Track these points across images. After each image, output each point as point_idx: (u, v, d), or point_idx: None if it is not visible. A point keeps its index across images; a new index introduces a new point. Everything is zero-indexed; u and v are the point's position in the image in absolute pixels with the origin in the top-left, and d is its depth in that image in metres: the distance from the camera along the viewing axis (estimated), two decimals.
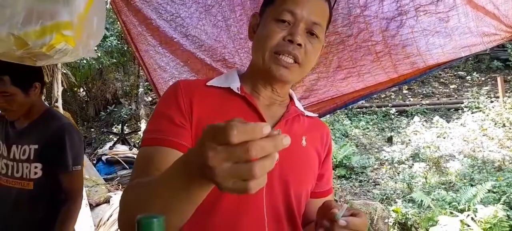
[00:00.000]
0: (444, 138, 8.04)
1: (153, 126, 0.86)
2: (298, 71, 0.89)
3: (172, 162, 0.62)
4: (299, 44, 0.86)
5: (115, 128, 9.86)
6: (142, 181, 0.73)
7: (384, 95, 10.19)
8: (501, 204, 4.86)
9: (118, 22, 2.32)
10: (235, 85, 0.92)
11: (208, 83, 0.93)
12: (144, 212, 0.47)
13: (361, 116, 9.46)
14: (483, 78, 10.44)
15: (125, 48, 9.64)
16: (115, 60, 10.03)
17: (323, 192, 1.01)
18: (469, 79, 10.57)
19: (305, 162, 0.95)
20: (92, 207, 3.72)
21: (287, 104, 0.98)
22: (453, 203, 5.28)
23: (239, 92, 0.91)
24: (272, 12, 0.90)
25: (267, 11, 0.92)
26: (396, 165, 7.33)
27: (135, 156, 2.89)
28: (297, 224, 0.92)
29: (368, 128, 8.96)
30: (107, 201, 4.05)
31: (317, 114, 1.12)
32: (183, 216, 0.63)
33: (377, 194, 6.36)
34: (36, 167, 1.70)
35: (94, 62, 8.82)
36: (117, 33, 9.31)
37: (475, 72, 10.67)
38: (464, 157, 7.21)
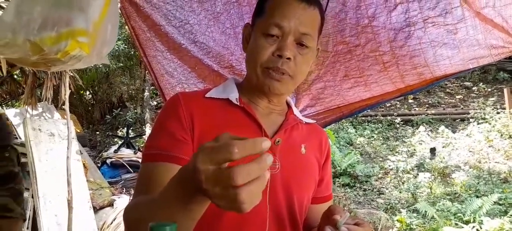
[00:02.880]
0: (451, 148, 7.98)
1: (154, 141, 0.87)
2: (291, 83, 0.90)
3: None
4: (289, 58, 0.86)
5: (120, 131, 9.89)
6: (143, 201, 0.74)
7: (389, 104, 10.15)
8: (507, 217, 4.80)
9: (126, 27, 2.34)
10: (234, 96, 0.93)
11: (207, 95, 0.94)
12: None
13: (366, 124, 9.43)
14: (489, 89, 10.38)
15: (132, 52, 9.70)
16: (121, 64, 10.09)
17: (323, 197, 1.02)
18: (475, 90, 10.51)
19: (305, 169, 0.96)
20: (96, 210, 3.73)
21: (286, 113, 0.99)
22: (458, 214, 5.23)
23: (238, 104, 0.92)
24: (260, 25, 0.90)
25: (257, 23, 0.93)
26: (400, 174, 7.29)
27: (139, 160, 2.90)
28: (299, 230, 0.93)
29: (373, 137, 8.92)
30: (111, 204, 4.05)
31: (315, 121, 1.13)
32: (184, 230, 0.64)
33: (381, 203, 6.32)
34: None
35: (101, 66, 8.89)
36: (124, 38, 9.38)
37: (481, 83, 10.61)
38: (470, 168, 7.15)
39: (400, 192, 6.65)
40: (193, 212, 0.59)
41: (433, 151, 7.87)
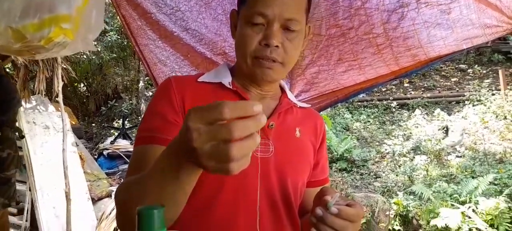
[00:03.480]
0: (445, 130, 8.03)
1: (146, 124, 0.86)
2: (281, 69, 0.89)
3: None
4: (277, 46, 0.85)
5: (116, 122, 9.87)
6: (132, 179, 0.74)
7: (385, 89, 10.17)
8: (503, 196, 4.86)
9: (118, 17, 2.31)
10: (227, 80, 0.93)
11: (200, 79, 0.94)
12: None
13: (362, 109, 9.44)
14: (484, 71, 10.40)
15: (125, 43, 9.62)
16: (115, 55, 10.01)
17: (319, 181, 1.02)
18: (471, 72, 10.53)
19: (300, 153, 0.95)
20: (94, 201, 3.73)
21: (280, 97, 0.98)
22: (454, 195, 5.29)
23: (231, 87, 0.91)
24: (244, 14, 0.88)
25: (241, 11, 0.91)
26: (397, 157, 7.33)
27: None
28: (294, 215, 0.93)
29: (369, 121, 8.94)
30: (109, 195, 4.06)
31: (310, 105, 1.12)
32: (176, 207, 0.64)
33: (378, 186, 6.37)
34: None
35: (94, 57, 8.81)
36: (117, 28, 9.28)
37: (476, 65, 10.63)
38: (466, 149, 7.20)
39: (396, 175, 6.70)
40: (183, 183, 0.59)
41: (446, 130, 7.83)
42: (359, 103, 9.59)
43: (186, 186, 0.60)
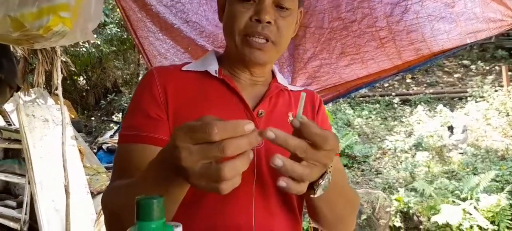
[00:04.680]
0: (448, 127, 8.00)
1: (129, 120, 0.83)
2: (274, 50, 0.83)
3: (149, 159, 0.60)
4: (269, 22, 0.79)
5: (115, 116, 9.87)
6: (121, 185, 0.72)
7: (387, 84, 10.12)
8: (504, 193, 4.85)
9: (118, 9, 2.29)
10: (213, 68, 0.87)
11: (184, 68, 0.88)
12: (131, 218, 0.46)
13: (364, 104, 9.41)
14: (487, 68, 10.34)
15: (125, 36, 9.59)
16: (115, 49, 9.99)
17: None
18: (474, 68, 10.48)
19: None
20: (94, 195, 3.73)
21: (269, 83, 0.92)
22: (456, 192, 5.27)
23: (217, 75, 0.86)
24: None
25: None
26: (398, 154, 7.32)
27: None
28: (293, 207, 0.87)
29: (371, 117, 8.92)
30: None
31: (303, 87, 1.07)
32: (168, 214, 0.62)
33: (379, 183, 6.36)
34: None
35: (93, 50, 8.79)
36: (116, 21, 9.25)
37: (479, 61, 10.56)
38: (468, 146, 7.18)
39: (398, 172, 6.69)
40: (173, 195, 0.58)
41: (451, 128, 7.79)
42: (361, 98, 9.56)
43: (177, 197, 0.59)
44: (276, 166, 0.55)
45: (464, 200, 4.99)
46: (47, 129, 3.66)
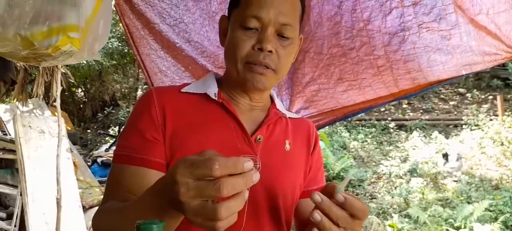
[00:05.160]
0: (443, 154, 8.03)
1: (124, 140, 0.83)
2: (274, 77, 0.85)
3: (142, 182, 0.61)
4: (270, 51, 0.82)
5: (112, 130, 9.81)
6: (113, 208, 0.72)
7: (383, 109, 10.18)
8: (497, 223, 4.84)
9: (120, 24, 2.32)
10: (212, 91, 0.87)
11: (183, 90, 0.88)
12: None
13: (360, 128, 9.45)
14: (483, 96, 10.46)
15: (126, 50, 9.64)
16: (115, 62, 10.02)
17: (315, 190, 0.98)
18: (469, 97, 10.59)
19: (290, 167, 0.90)
20: (85, 209, 3.68)
21: (268, 108, 0.93)
22: (450, 220, 5.26)
23: (216, 99, 0.86)
24: (238, 17, 0.84)
25: (233, 14, 0.86)
26: (393, 179, 7.31)
27: None
28: (281, 225, 0.88)
29: (366, 141, 8.94)
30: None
31: (301, 115, 1.08)
32: None
33: (373, 207, 6.33)
34: None
35: (94, 63, 8.81)
36: (118, 35, 9.31)
37: (475, 90, 10.69)
38: (462, 174, 7.19)
39: (392, 197, 6.67)
40: (168, 225, 0.58)
41: (445, 156, 7.81)
42: (357, 122, 9.60)
43: (170, 228, 0.60)
44: (314, 219, 0.64)
45: (457, 229, 4.97)
46: (42, 140, 3.64)
